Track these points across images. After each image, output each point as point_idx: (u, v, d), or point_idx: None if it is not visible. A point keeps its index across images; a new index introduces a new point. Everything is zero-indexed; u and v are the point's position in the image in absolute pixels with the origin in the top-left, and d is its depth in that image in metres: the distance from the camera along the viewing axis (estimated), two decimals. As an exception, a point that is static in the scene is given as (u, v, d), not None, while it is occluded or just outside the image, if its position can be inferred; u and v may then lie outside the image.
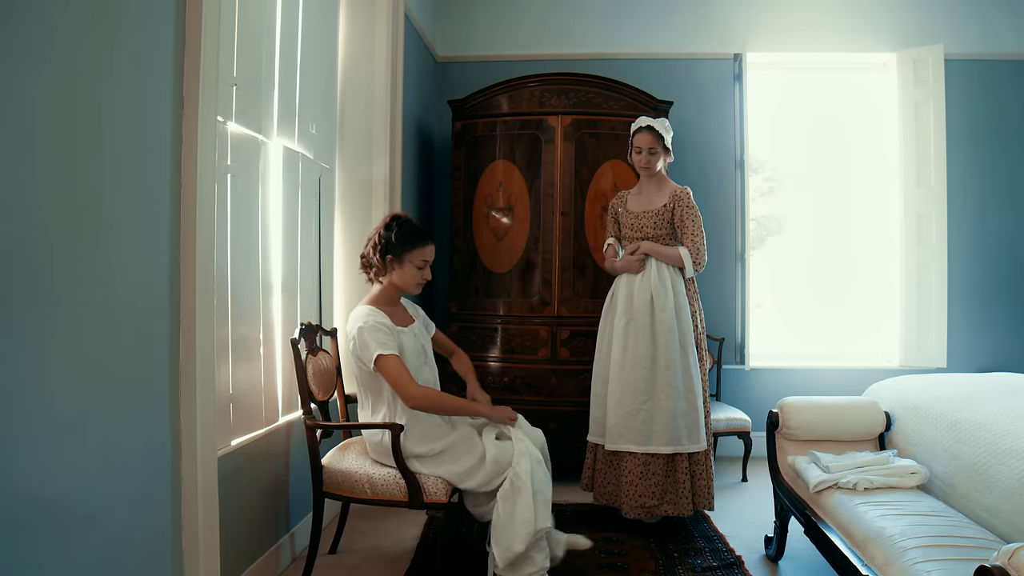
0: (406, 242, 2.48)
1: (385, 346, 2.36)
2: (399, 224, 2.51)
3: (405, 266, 2.49)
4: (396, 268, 2.50)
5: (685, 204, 3.11)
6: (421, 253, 2.50)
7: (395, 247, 2.47)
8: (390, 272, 2.51)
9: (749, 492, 3.76)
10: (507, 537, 2.28)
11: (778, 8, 4.59)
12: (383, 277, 2.53)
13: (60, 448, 1.47)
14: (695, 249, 3.09)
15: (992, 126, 4.53)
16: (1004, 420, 2.21)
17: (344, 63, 3.56)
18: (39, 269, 1.42)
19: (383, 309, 2.50)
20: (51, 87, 1.44)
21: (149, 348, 1.79)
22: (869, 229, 4.76)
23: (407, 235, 2.49)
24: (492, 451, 2.39)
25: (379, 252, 2.49)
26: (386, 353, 2.35)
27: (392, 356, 2.35)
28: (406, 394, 2.35)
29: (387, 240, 2.48)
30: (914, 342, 4.41)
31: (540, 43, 4.65)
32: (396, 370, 2.35)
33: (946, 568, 1.73)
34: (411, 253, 2.49)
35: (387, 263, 2.49)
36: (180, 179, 1.90)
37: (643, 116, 3.27)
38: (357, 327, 2.40)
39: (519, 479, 2.32)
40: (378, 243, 2.49)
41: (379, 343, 2.36)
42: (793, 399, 2.79)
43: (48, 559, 1.44)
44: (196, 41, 1.91)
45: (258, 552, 2.51)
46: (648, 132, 3.13)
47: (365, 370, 2.43)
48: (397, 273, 2.50)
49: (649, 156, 3.14)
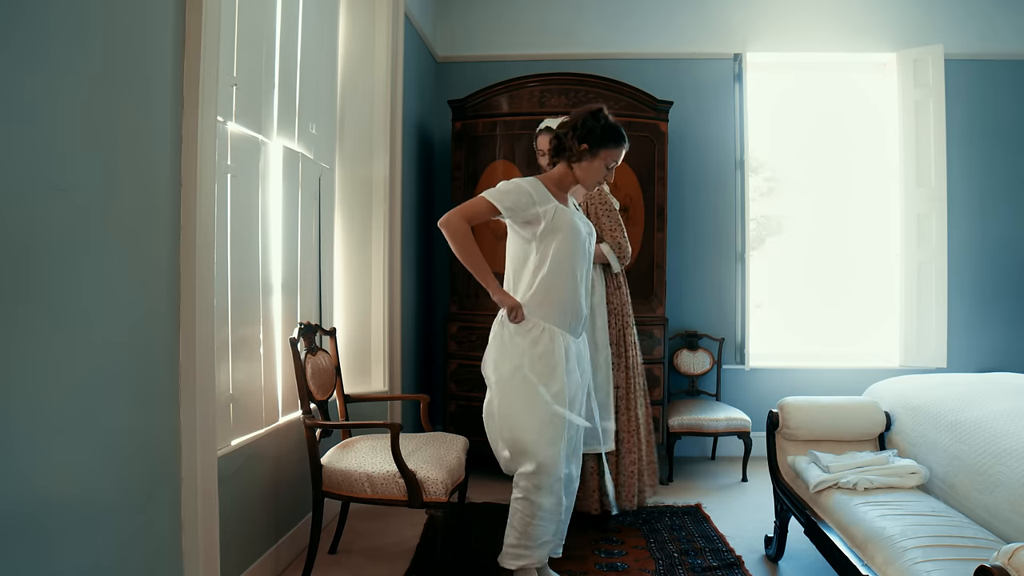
0: (608, 138, 2.39)
1: (493, 195, 2.31)
2: (606, 118, 2.41)
3: (597, 160, 2.40)
4: (587, 159, 2.40)
5: (599, 201, 3.12)
6: (616, 153, 2.42)
7: (596, 138, 2.37)
8: (580, 160, 2.40)
9: (749, 492, 3.76)
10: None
11: (778, 8, 4.59)
12: (571, 163, 2.42)
13: (60, 448, 1.47)
14: (616, 244, 3.09)
15: (992, 126, 4.53)
16: (1004, 420, 2.21)
17: (344, 63, 3.56)
18: (39, 269, 1.42)
19: (550, 188, 2.41)
20: (51, 87, 1.44)
21: (149, 348, 1.79)
22: (869, 229, 4.76)
23: (611, 131, 2.39)
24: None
25: (578, 137, 2.39)
26: (487, 198, 2.31)
27: (487, 202, 2.30)
28: (448, 215, 2.33)
29: (591, 128, 2.38)
30: (914, 342, 4.41)
31: (540, 43, 4.65)
32: (473, 205, 2.32)
33: (946, 568, 1.73)
34: (608, 150, 2.39)
35: (581, 151, 2.39)
36: (180, 179, 1.90)
37: (547, 118, 3.17)
38: (517, 181, 2.37)
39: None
40: (581, 128, 2.39)
41: (496, 192, 2.32)
42: (793, 399, 2.79)
43: (48, 559, 1.44)
44: (196, 41, 1.91)
45: (258, 552, 2.51)
46: (548, 135, 3.01)
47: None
48: (586, 164, 2.40)
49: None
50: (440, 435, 2.82)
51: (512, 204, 2.30)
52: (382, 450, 2.54)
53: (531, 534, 2.35)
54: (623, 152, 2.43)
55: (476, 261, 2.35)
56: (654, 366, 3.89)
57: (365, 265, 3.59)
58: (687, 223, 4.58)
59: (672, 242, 4.38)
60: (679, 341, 4.48)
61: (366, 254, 3.59)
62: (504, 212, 2.31)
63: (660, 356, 3.92)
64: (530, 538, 2.35)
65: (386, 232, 3.56)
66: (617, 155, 2.42)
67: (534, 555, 2.36)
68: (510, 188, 2.32)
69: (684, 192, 4.55)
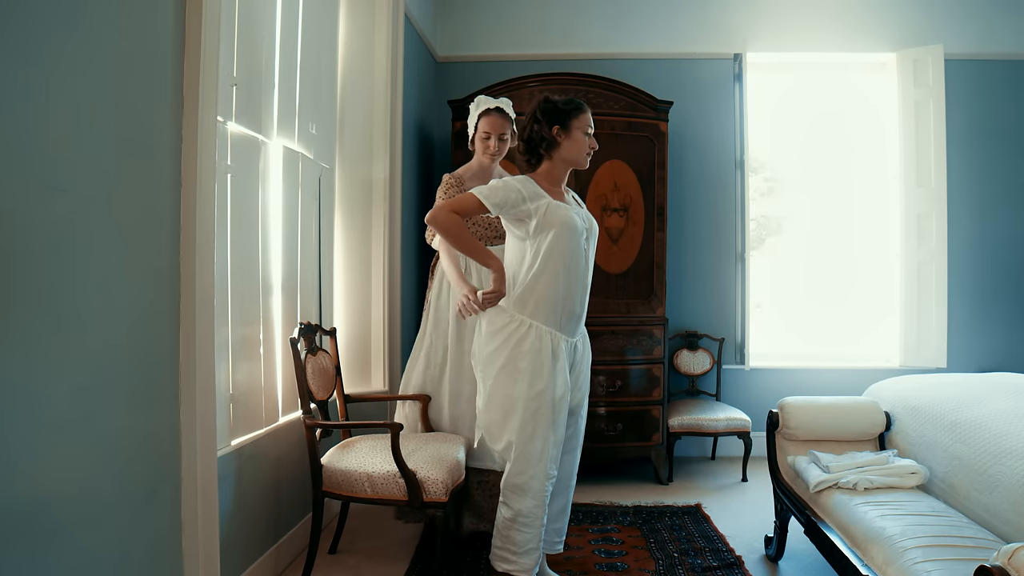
0: (570, 109, 2.32)
1: (482, 192, 2.27)
2: (553, 99, 2.36)
3: (574, 133, 2.32)
4: (564, 138, 2.32)
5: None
6: (586, 118, 2.34)
7: (561, 115, 2.31)
8: (559, 144, 2.33)
9: (749, 492, 3.77)
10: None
11: (778, 8, 4.59)
12: (552, 152, 2.35)
13: (60, 448, 1.47)
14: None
15: (992, 126, 4.53)
16: (1004, 420, 2.21)
17: (344, 63, 3.56)
18: (39, 269, 1.42)
19: (541, 184, 2.34)
20: (51, 87, 1.44)
21: (149, 348, 1.79)
22: (869, 229, 4.76)
23: (568, 103, 2.33)
24: None
25: (547, 124, 2.31)
26: (475, 194, 2.27)
27: (475, 198, 2.25)
28: (434, 210, 2.29)
29: (550, 110, 2.32)
30: (914, 342, 4.41)
31: (540, 43, 4.65)
32: (461, 201, 2.29)
33: (946, 568, 1.73)
34: (577, 119, 2.32)
35: (555, 134, 2.32)
36: (180, 179, 1.90)
37: (482, 96, 2.96)
38: (506, 179, 2.32)
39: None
40: (542, 116, 2.32)
41: (486, 190, 2.27)
42: (793, 399, 2.79)
43: (48, 559, 1.44)
44: (196, 41, 1.91)
45: (258, 552, 2.51)
46: (499, 115, 2.89)
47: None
48: (567, 144, 2.33)
49: (500, 143, 2.91)
50: (440, 435, 2.82)
51: (500, 200, 2.25)
52: (382, 450, 2.54)
53: (513, 539, 2.29)
54: (590, 116, 2.36)
55: (472, 246, 2.31)
56: (654, 366, 3.89)
57: (365, 265, 3.59)
58: (687, 223, 4.58)
59: (672, 242, 4.38)
60: (679, 341, 4.49)
61: (366, 254, 3.59)
62: (492, 209, 2.25)
63: (660, 356, 3.92)
64: (513, 543, 2.29)
65: (386, 232, 3.56)
66: (587, 120, 2.35)
67: (518, 562, 2.29)
68: (499, 185, 2.28)
69: (684, 192, 4.55)
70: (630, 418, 3.86)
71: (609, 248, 3.86)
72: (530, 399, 2.25)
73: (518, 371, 2.27)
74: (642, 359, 3.88)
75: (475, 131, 2.95)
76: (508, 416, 2.28)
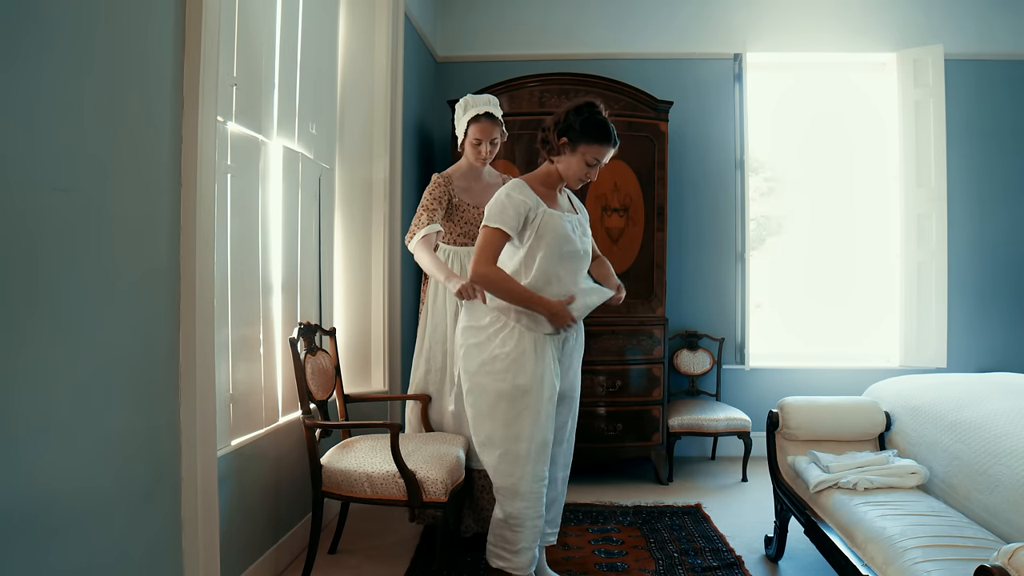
0: (589, 133, 2.25)
1: (495, 220, 2.23)
2: (590, 113, 2.28)
3: (576, 156, 2.27)
4: (567, 153, 2.28)
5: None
6: (597, 151, 2.27)
7: (576, 132, 2.25)
8: (559, 154, 2.30)
9: (749, 492, 3.77)
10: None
11: (778, 8, 4.59)
12: (552, 158, 2.33)
13: (60, 448, 1.47)
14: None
15: (992, 126, 4.53)
16: (1004, 420, 2.21)
17: (344, 63, 3.56)
18: (39, 269, 1.42)
19: (536, 188, 2.31)
20: (51, 87, 1.44)
21: (149, 348, 1.79)
22: (869, 229, 4.76)
23: (592, 127, 2.26)
24: None
25: (558, 130, 2.28)
26: (492, 226, 2.23)
27: (496, 230, 2.22)
28: (474, 267, 2.22)
29: (571, 122, 2.26)
30: (914, 342, 4.41)
31: (540, 43, 4.65)
32: (487, 243, 2.23)
33: (946, 568, 1.73)
34: (587, 147, 2.25)
35: (560, 145, 2.29)
36: (180, 179, 1.90)
37: (469, 97, 2.91)
38: (505, 193, 2.28)
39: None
40: (563, 121, 2.28)
41: (496, 215, 2.24)
42: (793, 399, 2.79)
43: (48, 559, 1.44)
44: (196, 41, 1.91)
45: (258, 552, 2.51)
46: (488, 121, 2.84)
47: None
48: (565, 159, 2.29)
49: (491, 147, 2.89)
50: (440, 435, 2.82)
51: (515, 221, 2.22)
52: (382, 450, 2.54)
53: (506, 537, 2.29)
54: (608, 152, 2.29)
55: (526, 296, 2.22)
56: (654, 366, 3.89)
57: (365, 265, 3.59)
58: (687, 223, 4.58)
59: (672, 242, 4.38)
60: (679, 341, 4.49)
61: (366, 254, 3.59)
62: (513, 232, 2.23)
63: (660, 356, 3.92)
64: (507, 541, 2.29)
65: (386, 232, 3.57)
66: (600, 153, 2.27)
67: (513, 560, 2.29)
68: (505, 205, 2.24)
69: (684, 192, 4.55)
70: (630, 418, 3.86)
71: (609, 248, 3.86)
72: (517, 397, 2.23)
73: (504, 371, 2.24)
74: (642, 359, 3.88)
75: (464, 136, 2.91)
76: (496, 416, 2.26)
